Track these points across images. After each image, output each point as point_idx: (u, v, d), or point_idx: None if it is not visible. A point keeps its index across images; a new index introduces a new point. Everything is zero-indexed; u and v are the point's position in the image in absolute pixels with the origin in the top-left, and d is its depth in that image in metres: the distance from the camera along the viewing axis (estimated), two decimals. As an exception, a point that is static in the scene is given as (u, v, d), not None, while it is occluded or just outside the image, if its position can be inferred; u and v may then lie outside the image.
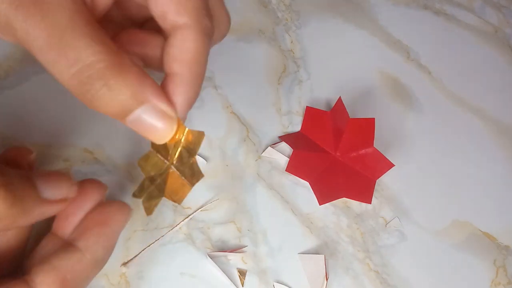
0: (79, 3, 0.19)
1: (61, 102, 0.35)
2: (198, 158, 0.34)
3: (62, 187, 0.21)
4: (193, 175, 0.26)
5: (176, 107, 0.21)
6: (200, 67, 0.21)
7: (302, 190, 0.33)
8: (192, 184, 0.26)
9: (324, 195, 0.33)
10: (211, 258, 0.29)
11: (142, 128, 0.21)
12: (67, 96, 0.35)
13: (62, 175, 0.21)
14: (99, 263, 0.21)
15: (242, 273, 0.29)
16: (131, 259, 0.30)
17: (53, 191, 0.20)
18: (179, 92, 0.21)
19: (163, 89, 0.21)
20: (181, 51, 0.21)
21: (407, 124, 0.38)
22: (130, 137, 0.34)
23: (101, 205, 0.22)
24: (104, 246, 0.21)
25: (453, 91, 0.40)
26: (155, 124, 0.21)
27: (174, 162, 0.26)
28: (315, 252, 0.31)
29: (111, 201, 0.23)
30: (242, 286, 0.29)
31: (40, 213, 0.20)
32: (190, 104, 0.22)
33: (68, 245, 0.20)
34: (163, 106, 0.20)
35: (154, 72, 0.23)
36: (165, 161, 0.26)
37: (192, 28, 0.21)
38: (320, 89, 0.39)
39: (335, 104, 0.34)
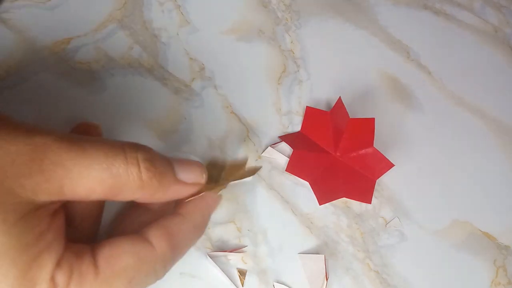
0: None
1: (61, 103, 0.35)
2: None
3: (195, 172, 0.23)
4: None
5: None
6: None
7: (302, 190, 0.33)
8: None
9: (324, 195, 0.33)
10: (211, 258, 0.29)
11: (183, 187, 0.24)
12: (67, 96, 0.36)
13: (195, 163, 0.24)
14: (198, 229, 0.24)
15: (242, 273, 0.29)
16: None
17: (187, 174, 0.23)
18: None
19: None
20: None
21: (407, 124, 0.38)
22: (129, 137, 0.34)
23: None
24: (201, 214, 0.24)
25: (453, 91, 0.40)
26: (187, 173, 0.24)
27: None
28: (315, 252, 0.31)
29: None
30: (242, 286, 0.29)
31: (174, 191, 0.23)
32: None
33: (171, 213, 0.23)
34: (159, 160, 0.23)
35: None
36: None
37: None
38: (320, 89, 0.39)
39: (335, 104, 0.34)
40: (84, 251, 0.20)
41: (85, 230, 0.24)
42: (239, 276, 0.29)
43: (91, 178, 0.20)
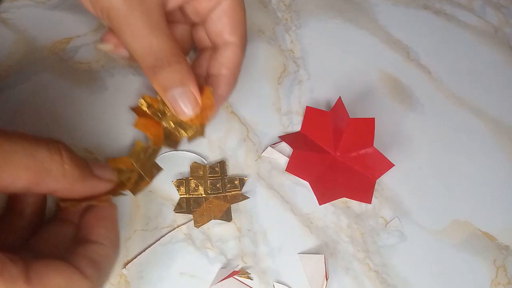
0: (162, 4, 0.28)
1: (61, 102, 0.35)
2: (196, 157, 0.34)
3: (107, 170, 0.26)
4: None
5: (218, 97, 0.32)
6: (238, 73, 0.33)
7: (302, 190, 0.33)
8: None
9: (324, 195, 0.33)
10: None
11: (176, 102, 0.29)
12: (67, 96, 0.36)
13: (106, 164, 0.28)
14: (115, 246, 0.25)
15: (242, 273, 0.29)
16: (131, 259, 0.30)
17: (102, 171, 0.26)
18: (223, 88, 0.32)
19: (209, 84, 0.31)
20: (229, 61, 0.32)
21: (407, 124, 0.38)
22: (129, 137, 0.34)
23: (93, 205, 0.26)
24: (114, 234, 0.25)
25: (453, 91, 0.40)
26: (186, 101, 0.29)
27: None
28: (315, 252, 0.31)
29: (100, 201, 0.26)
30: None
31: (92, 185, 0.25)
32: (226, 98, 0.33)
33: (84, 241, 0.24)
34: (196, 92, 0.29)
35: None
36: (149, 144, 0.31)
37: (239, 46, 0.32)
38: (320, 89, 0.39)
39: (335, 104, 0.34)
40: (18, 260, 0.20)
41: (29, 217, 0.25)
42: (240, 276, 0.29)
43: (15, 163, 0.21)
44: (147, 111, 0.32)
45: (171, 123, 0.31)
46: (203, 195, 0.32)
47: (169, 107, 0.29)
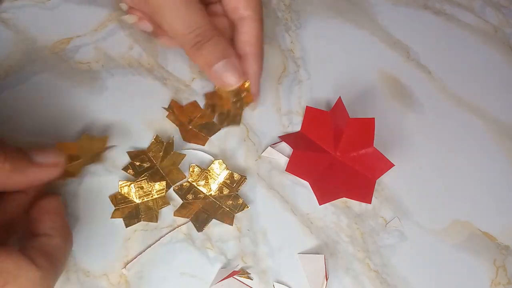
0: None
1: (61, 102, 0.35)
2: (204, 155, 0.34)
3: (50, 154, 0.26)
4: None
5: (253, 75, 0.33)
6: (262, 45, 0.34)
7: (302, 190, 0.33)
8: None
9: (324, 195, 0.33)
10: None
11: (221, 75, 0.31)
12: (67, 96, 0.36)
13: (51, 148, 0.27)
14: (65, 236, 0.25)
15: (242, 273, 0.29)
16: (131, 259, 0.30)
17: (44, 157, 0.26)
18: (254, 65, 0.33)
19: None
20: (249, 36, 0.33)
21: (407, 124, 0.38)
22: (129, 136, 0.34)
23: (37, 199, 0.26)
24: (61, 225, 0.26)
25: (453, 91, 0.40)
26: (230, 72, 0.31)
27: None
28: (315, 252, 0.31)
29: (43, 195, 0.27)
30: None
31: (34, 173, 0.25)
32: (261, 72, 0.35)
33: (34, 235, 0.25)
34: (238, 62, 0.32)
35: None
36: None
37: (255, 18, 0.33)
38: (320, 89, 0.39)
39: (335, 104, 0.34)
40: None
41: None
42: (240, 276, 0.29)
43: None
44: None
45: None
46: (203, 196, 0.32)
47: (214, 81, 0.32)
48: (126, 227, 0.30)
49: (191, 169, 0.32)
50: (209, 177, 0.32)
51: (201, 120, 0.35)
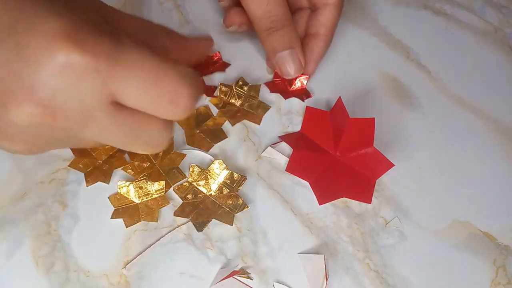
0: None
1: (61, 102, 0.35)
2: (204, 155, 0.34)
3: (200, 37, 0.31)
4: None
5: (316, 54, 0.37)
6: (334, 32, 0.37)
7: (302, 190, 0.33)
8: None
9: (324, 195, 0.33)
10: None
11: (283, 63, 0.35)
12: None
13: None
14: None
15: (242, 273, 0.29)
16: (131, 259, 0.30)
17: (196, 39, 0.29)
18: (321, 46, 0.37)
19: (306, 44, 0.37)
20: (328, 20, 0.36)
21: (407, 124, 0.38)
22: (130, 137, 0.34)
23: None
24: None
25: (453, 91, 0.40)
26: (291, 63, 0.34)
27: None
28: (315, 252, 0.31)
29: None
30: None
31: (192, 46, 0.29)
32: (322, 56, 0.38)
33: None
34: (301, 55, 0.35)
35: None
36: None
37: (338, 6, 0.36)
38: (320, 89, 0.39)
39: (335, 104, 0.34)
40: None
41: None
42: (239, 275, 0.29)
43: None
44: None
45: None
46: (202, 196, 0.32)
47: (276, 67, 0.35)
48: (126, 227, 0.30)
49: (191, 169, 0.32)
50: (209, 177, 0.32)
51: (211, 125, 0.35)
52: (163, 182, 0.31)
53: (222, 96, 0.37)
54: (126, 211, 0.31)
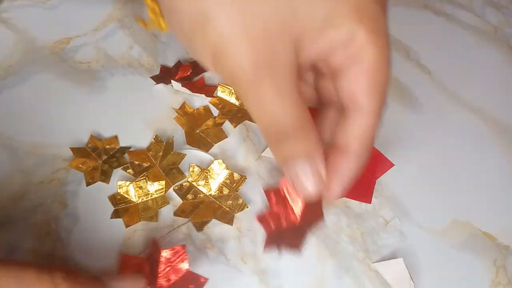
0: (295, 64, 0.22)
1: (61, 102, 0.35)
2: (204, 154, 0.34)
3: (127, 281, 0.26)
4: None
5: (343, 175, 0.24)
6: (371, 147, 0.25)
7: (302, 190, 0.33)
8: None
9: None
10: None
11: (296, 177, 0.23)
12: (67, 96, 0.35)
13: (128, 275, 0.27)
14: None
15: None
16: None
17: (119, 284, 0.25)
18: (347, 165, 0.24)
19: (331, 158, 0.24)
20: (362, 132, 0.24)
21: (407, 124, 0.38)
22: (130, 136, 0.34)
23: None
24: None
25: (453, 91, 0.40)
26: (310, 175, 0.23)
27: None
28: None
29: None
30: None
31: None
32: (350, 179, 0.24)
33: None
34: (321, 167, 0.23)
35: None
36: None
37: (376, 113, 0.24)
38: (320, 89, 0.39)
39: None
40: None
41: None
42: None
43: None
44: None
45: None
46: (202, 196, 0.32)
47: (289, 179, 0.24)
48: (126, 227, 0.30)
49: (191, 169, 0.32)
50: (209, 177, 0.32)
51: (211, 125, 0.35)
52: (163, 182, 0.31)
53: (222, 96, 0.37)
54: (126, 211, 0.31)
